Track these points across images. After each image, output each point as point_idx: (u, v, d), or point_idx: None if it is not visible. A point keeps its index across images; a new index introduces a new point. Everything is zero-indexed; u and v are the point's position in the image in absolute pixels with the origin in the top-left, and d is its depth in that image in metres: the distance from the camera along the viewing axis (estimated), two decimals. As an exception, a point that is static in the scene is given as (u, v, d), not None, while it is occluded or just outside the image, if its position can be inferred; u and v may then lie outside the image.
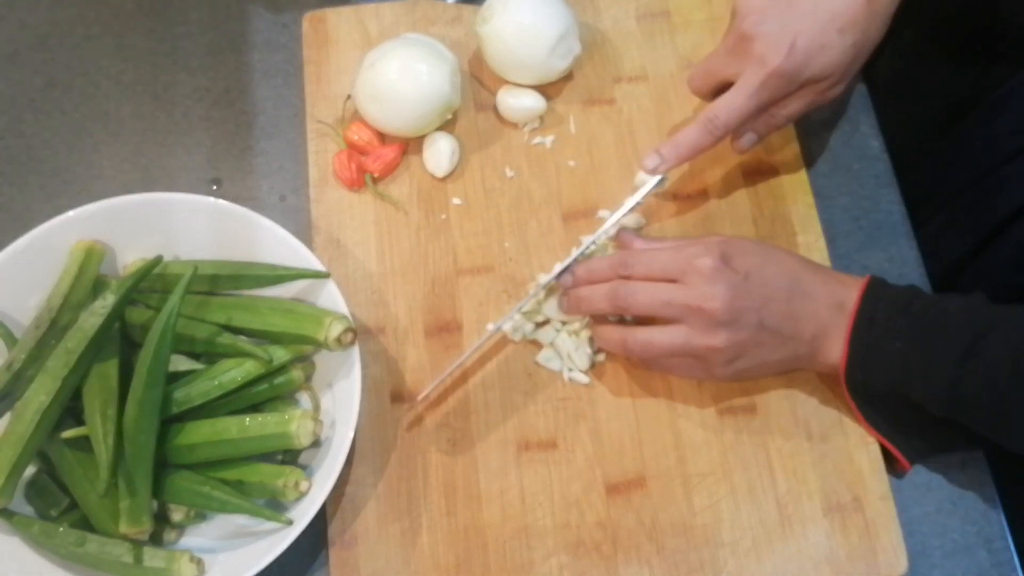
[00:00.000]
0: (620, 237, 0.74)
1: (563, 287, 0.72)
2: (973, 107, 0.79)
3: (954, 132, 0.81)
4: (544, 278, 0.74)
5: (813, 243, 0.77)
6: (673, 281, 0.67)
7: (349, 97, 0.80)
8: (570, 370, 0.73)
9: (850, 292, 0.67)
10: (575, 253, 0.73)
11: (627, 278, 0.69)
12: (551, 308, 0.73)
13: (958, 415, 0.65)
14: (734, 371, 0.68)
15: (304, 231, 0.77)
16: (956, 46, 0.80)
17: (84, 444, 0.65)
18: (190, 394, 0.67)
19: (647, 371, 0.73)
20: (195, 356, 0.69)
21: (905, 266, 0.78)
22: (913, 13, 0.74)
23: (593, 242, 0.74)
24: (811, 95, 0.71)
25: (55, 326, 0.66)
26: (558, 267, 0.73)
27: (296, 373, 0.69)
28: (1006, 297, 0.66)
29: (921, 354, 0.64)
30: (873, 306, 0.66)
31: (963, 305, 0.65)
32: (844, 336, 0.66)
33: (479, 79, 0.83)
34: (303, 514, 0.64)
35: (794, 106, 0.72)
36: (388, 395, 0.72)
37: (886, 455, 0.71)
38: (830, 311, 0.67)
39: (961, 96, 0.81)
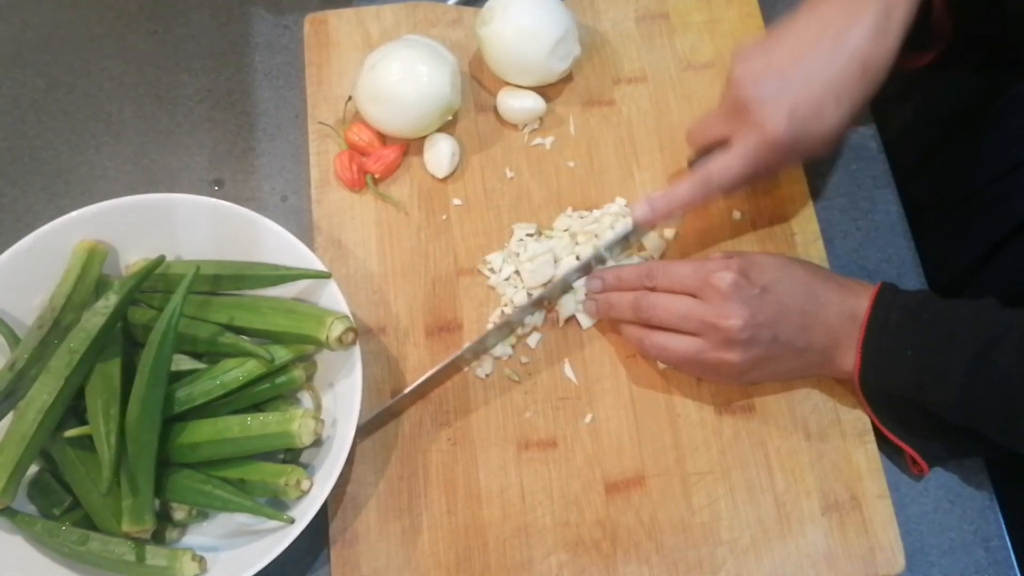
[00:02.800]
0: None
1: (591, 291, 0.73)
2: (980, 113, 0.78)
3: (958, 141, 0.80)
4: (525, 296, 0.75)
5: (811, 243, 0.78)
6: (693, 295, 0.68)
7: (350, 98, 0.80)
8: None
9: (862, 301, 0.68)
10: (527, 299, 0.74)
11: (651, 288, 0.70)
12: (567, 308, 0.75)
13: (971, 421, 0.65)
14: (745, 381, 0.71)
15: (305, 231, 0.78)
16: (958, 54, 0.80)
17: (87, 443, 0.65)
18: (192, 393, 0.67)
19: (652, 367, 0.74)
20: (197, 356, 0.70)
21: (903, 266, 0.79)
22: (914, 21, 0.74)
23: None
24: (801, 157, 0.73)
25: (58, 326, 0.67)
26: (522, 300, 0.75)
27: (297, 372, 0.70)
28: (1017, 306, 0.65)
29: (932, 361, 0.64)
30: (885, 314, 0.66)
31: (974, 310, 0.65)
32: (857, 344, 0.67)
33: (479, 81, 0.83)
34: (304, 513, 0.64)
35: (784, 166, 0.73)
36: (389, 394, 0.73)
37: (902, 457, 0.71)
38: (842, 320, 0.67)
39: (965, 104, 0.80)
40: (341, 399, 0.69)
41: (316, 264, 0.70)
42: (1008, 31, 0.75)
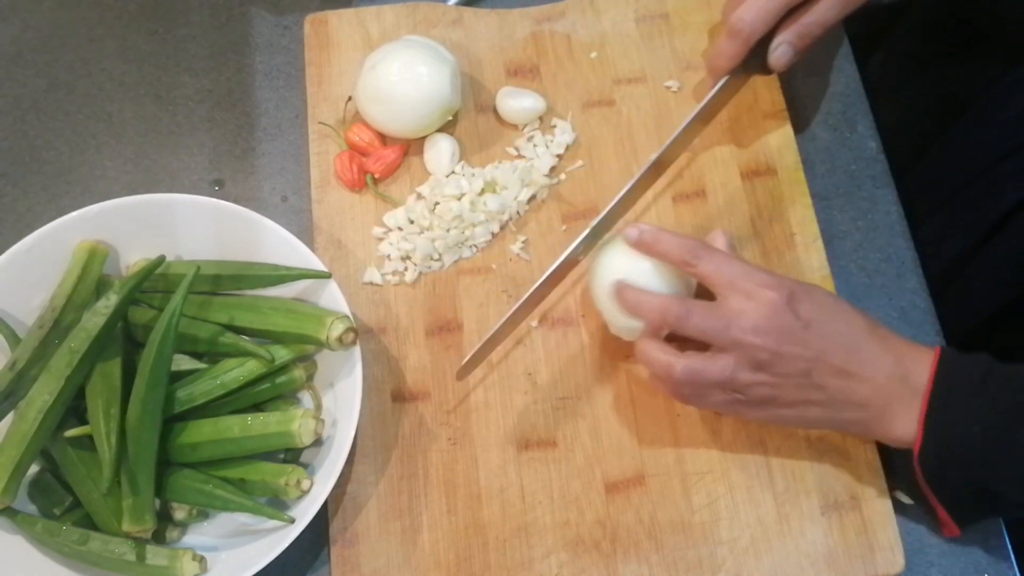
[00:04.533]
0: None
1: (627, 239, 0.67)
2: (968, 105, 0.78)
3: (951, 131, 0.81)
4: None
5: (810, 243, 0.78)
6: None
7: (350, 99, 0.81)
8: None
9: (919, 366, 0.64)
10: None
11: (690, 265, 0.65)
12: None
13: None
14: (771, 415, 0.66)
15: (306, 231, 0.78)
16: (949, 44, 0.80)
17: (87, 443, 0.65)
18: (192, 393, 0.67)
19: (682, 403, 0.70)
20: (197, 356, 0.70)
21: (903, 267, 0.79)
22: (906, 12, 0.75)
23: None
24: None
25: (58, 326, 0.67)
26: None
27: (298, 372, 0.70)
28: (1006, 295, 0.65)
29: (1001, 440, 0.61)
30: (947, 387, 0.63)
31: None
32: (916, 416, 0.63)
33: (479, 81, 0.83)
34: (305, 512, 0.64)
35: (823, 10, 0.71)
36: (389, 394, 0.73)
37: (933, 518, 0.69)
38: (891, 383, 0.63)
39: (956, 95, 0.81)
40: (341, 399, 0.69)
41: (316, 264, 0.70)
42: (998, 21, 0.75)
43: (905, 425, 0.64)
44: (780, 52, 0.73)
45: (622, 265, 0.68)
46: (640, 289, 0.66)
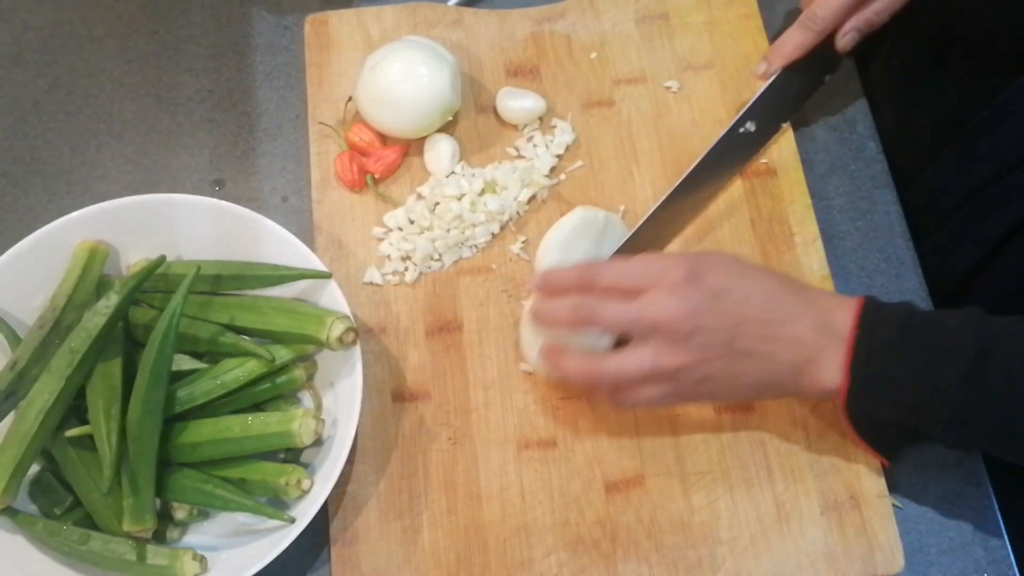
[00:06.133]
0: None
1: (535, 289, 0.68)
2: (973, 117, 0.78)
3: (956, 143, 0.80)
4: None
5: (810, 243, 0.78)
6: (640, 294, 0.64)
7: (350, 99, 0.81)
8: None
9: (841, 315, 0.63)
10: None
11: (591, 288, 0.65)
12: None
13: (968, 440, 0.64)
14: (706, 392, 0.66)
15: (306, 232, 0.78)
16: (952, 56, 0.80)
17: (88, 443, 0.65)
18: (193, 393, 0.67)
19: (615, 411, 0.72)
20: (198, 355, 0.70)
21: (902, 267, 0.79)
22: (906, 25, 0.75)
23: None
24: None
25: (59, 326, 0.67)
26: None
27: (298, 372, 0.70)
28: (1016, 310, 0.64)
29: (925, 379, 0.61)
30: (870, 332, 0.63)
31: (960, 322, 0.62)
32: (841, 364, 0.63)
33: (479, 81, 0.83)
34: (305, 512, 0.64)
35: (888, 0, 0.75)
36: (389, 394, 0.73)
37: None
38: (817, 334, 0.63)
39: (960, 107, 0.80)
40: (342, 399, 0.69)
41: (316, 264, 0.70)
42: (999, 32, 0.76)
43: (831, 373, 0.63)
44: (849, 38, 0.77)
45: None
46: (552, 301, 0.67)
